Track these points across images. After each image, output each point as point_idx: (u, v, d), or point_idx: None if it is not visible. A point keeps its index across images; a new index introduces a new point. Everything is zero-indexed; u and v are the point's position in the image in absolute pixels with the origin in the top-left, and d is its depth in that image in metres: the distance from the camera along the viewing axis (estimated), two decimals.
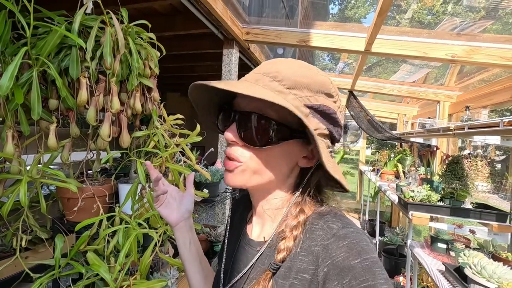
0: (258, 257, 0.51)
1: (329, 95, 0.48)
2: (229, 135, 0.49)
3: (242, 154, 0.49)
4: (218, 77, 3.74)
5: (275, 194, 0.53)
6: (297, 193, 0.51)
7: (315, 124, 0.47)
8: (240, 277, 0.52)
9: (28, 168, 0.98)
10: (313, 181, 0.51)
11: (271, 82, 0.46)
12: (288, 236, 0.46)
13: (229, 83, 0.45)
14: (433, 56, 1.84)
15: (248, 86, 0.45)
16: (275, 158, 0.49)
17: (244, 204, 0.65)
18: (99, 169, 1.27)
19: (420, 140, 2.99)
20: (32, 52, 0.92)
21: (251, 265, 0.51)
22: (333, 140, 0.52)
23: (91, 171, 1.24)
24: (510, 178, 2.52)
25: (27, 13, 0.84)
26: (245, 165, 0.49)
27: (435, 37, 1.87)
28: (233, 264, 0.56)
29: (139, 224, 0.96)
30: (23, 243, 0.95)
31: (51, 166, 1.02)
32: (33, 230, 1.08)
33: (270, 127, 0.46)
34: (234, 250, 0.58)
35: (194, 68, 3.53)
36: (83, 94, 0.89)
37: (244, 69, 2.68)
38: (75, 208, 1.03)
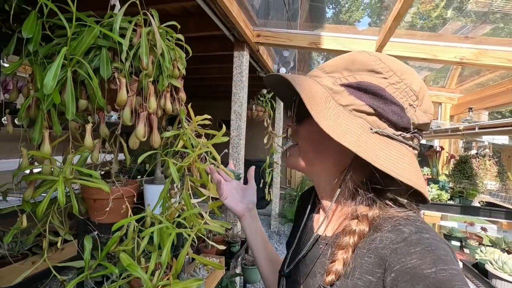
0: (321, 252, 0.52)
1: (375, 72, 0.46)
2: (288, 117, 0.56)
3: (296, 133, 0.57)
4: (225, 78, 3.75)
5: (331, 185, 0.52)
6: (360, 191, 0.48)
7: (349, 100, 0.46)
8: (301, 266, 0.54)
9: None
10: (364, 176, 0.47)
11: (316, 71, 0.51)
12: (345, 246, 0.45)
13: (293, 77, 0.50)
14: (442, 59, 1.89)
15: (299, 80, 0.50)
16: (324, 139, 0.48)
17: (311, 194, 0.66)
18: (116, 170, 1.26)
19: (423, 141, 3.05)
20: (67, 52, 0.91)
21: (314, 258, 0.52)
22: (391, 121, 0.45)
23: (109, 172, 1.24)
24: (511, 176, 2.59)
25: (54, 13, 0.84)
26: (299, 146, 0.57)
27: (443, 40, 1.92)
28: (299, 252, 0.57)
29: (177, 224, 0.96)
30: (59, 244, 0.94)
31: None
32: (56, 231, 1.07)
33: None
34: (301, 239, 0.59)
35: (198, 71, 3.53)
36: (123, 94, 0.89)
37: (250, 71, 2.70)
38: (107, 209, 1.02)
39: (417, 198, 0.48)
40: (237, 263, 2.02)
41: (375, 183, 0.47)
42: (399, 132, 0.45)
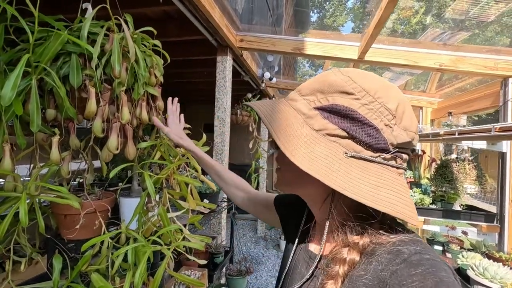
0: (315, 271, 0.49)
1: (347, 93, 0.44)
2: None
3: (278, 158, 0.57)
4: (208, 83, 3.70)
5: (321, 206, 0.51)
6: (348, 219, 0.46)
7: (322, 125, 0.44)
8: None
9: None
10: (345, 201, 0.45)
11: (293, 94, 0.50)
12: (342, 260, 0.43)
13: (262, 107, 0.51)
14: (422, 65, 1.92)
15: (269, 109, 0.50)
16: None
17: (301, 206, 0.64)
18: (91, 182, 1.19)
19: None
20: (31, 59, 0.85)
21: (308, 278, 0.50)
22: (366, 144, 0.43)
23: (74, 182, 1.17)
24: (488, 179, 2.66)
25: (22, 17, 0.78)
26: (281, 170, 0.56)
27: (424, 47, 1.95)
28: (293, 270, 0.55)
29: (153, 241, 0.90)
30: (22, 267, 0.86)
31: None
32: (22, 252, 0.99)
33: None
34: (293, 255, 0.58)
35: (182, 74, 3.47)
36: (92, 104, 0.83)
37: (235, 75, 2.66)
38: (77, 226, 0.95)
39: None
40: (221, 274, 1.97)
41: (364, 211, 0.44)
42: (377, 154, 0.43)
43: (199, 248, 0.94)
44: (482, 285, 1.16)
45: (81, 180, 1.17)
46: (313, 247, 0.55)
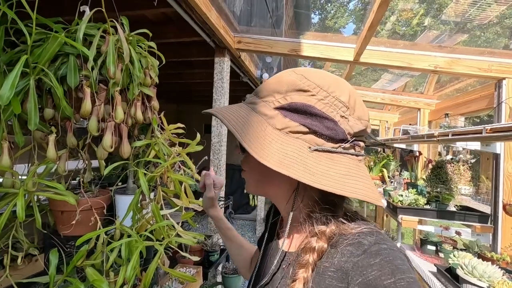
0: (284, 268, 0.51)
1: (303, 90, 0.46)
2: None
3: (243, 162, 0.59)
4: (208, 84, 3.73)
5: (285, 206, 0.54)
6: (315, 210, 0.48)
7: (284, 123, 0.46)
8: (266, 284, 0.53)
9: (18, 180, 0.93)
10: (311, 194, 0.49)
11: (251, 98, 0.53)
12: (305, 263, 0.45)
13: (220, 109, 0.52)
14: (417, 67, 1.94)
15: (230, 114, 0.51)
16: (262, 167, 0.48)
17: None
18: (90, 179, 1.22)
19: (403, 145, 3.12)
20: (29, 60, 0.88)
21: (273, 274, 0.52)
22: (327, 136, 0.45)
23: (75, 181, 1.20)
24: (485, 180, 2.66)
25: (22, 19, 0.81)
26: (247, 173, 0.59)
27: (419, 49, 1.97)
28: (265, 267, 0.57)
29: (145, 237, 0.93)
30: (19, 260, 0.89)
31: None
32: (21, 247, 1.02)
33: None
34: (267, 253, 0.60)
35: (181, 76, 3.50)
36: (87, 104, 0.86)
37: (233, 76, 2.69)
38: (73, 222, 0.98)
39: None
40: (216, 272, 1.99)
41: (329, 201, 0.47)
42: (338, 145, 0.46)
43: (191, 244, 0.96)
44: (471, 283, 1.18)
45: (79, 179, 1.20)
46: (280, 242, 0.56)
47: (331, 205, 0.47)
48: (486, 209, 2.03)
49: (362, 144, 0.49)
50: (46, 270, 0.97)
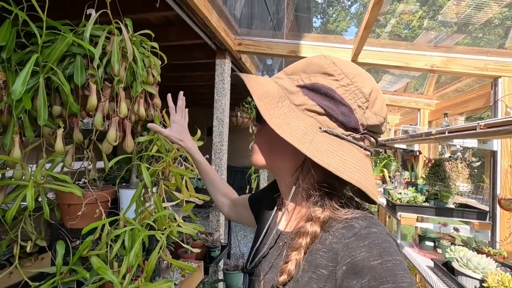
0: (281, 246, 0.54)
1: (328, 74, 0.48)
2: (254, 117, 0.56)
3: (257, 133, 0.60)
4: (210, 86, 3.79)
5: (288, 182, 0.55)
6: (313, 192, 0.50)
7: (302, 100, 0.49)
8: (263, 262, 0.56)
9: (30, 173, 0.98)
10: (317, 175, 0.50)
11: (279, 74, 0.54)
12: (305, 232, 0.47)
13: (248, 78, 0.53)
14: (414, 66, 1.98)
15: (254, 80, 0.52)
16: (279, 141, 0.49)
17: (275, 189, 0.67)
18: (95, 177, 1.27)
19: (403, 146, 3.14)
20: (39, 59, 0.94)
21: (275, 251, 0.55)
22: (340, 121, 0.47)
23: (86, 180, 1.25)
24: (487, 180, 2.68)
25: (32, 22, 0.87)
26: (258, 145, 0.60)
27: (415, 49, 2.01)
28: (260, 247, 0.59)
29: (146, 227, 0.98)
30: (28, 248, 0.94)
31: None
32: (31, 239, 1.07)
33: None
34: (265, 232, 0.61)
35: (184, 78, 3.57)
36: (93, 100, 0.92)
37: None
38: (79, 213, 1.03)
39: (369, 199, 0.50)
40: (217, 268, 2.03)
41: (329, 185, 0.49)
42: (349, 133, 0.48)
43: (192, 233, 1.00)
44: (465, 275, 1.20)
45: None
46: (279, 217, 0.59)
47: (331, 188, 0.49)
48: (487, 209, 2.05)
49: (373, 140, 0.50)
50: (54, 260, 1.01)
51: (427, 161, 2.61)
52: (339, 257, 0.42)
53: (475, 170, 2.04)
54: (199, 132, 1.24)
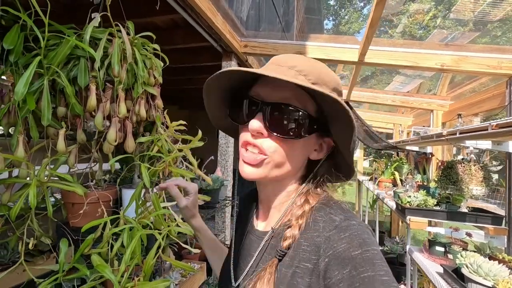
0: (265, 246, 0.54)
1: (340, 93, 0.53)
2: (256, 124, 0.48)
3: (270, 146, 0.49)
4: None
5: (286, 187, 0.55)
6: (304, 185, 0.54)
7: None
8: (250, 267, 0.55)
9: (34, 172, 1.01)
10: (320, 173, 0.55)
11: (297, 75, 0.47)
12: (294, 225, 0.49)
13: (262, 70, 0.46)
14: (423, 66, 1.92)
15: (281, 75, 0.45)
16: (296, 151, 0.51)
17: (252, 198, 0.69)
18: (101, 178, 1.30)
19: (416, 148, 3.05)
20: (43, 62, 0.97)
21: (258, 254, 0.54)
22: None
23: (93, 182, 1.27)
24: (504, 183, 2.57)
25: (38, 27, 0.90)
26: (270, 158, 0.49)
27: (425, 47, 1.96)
28: (241, 254, 0.59)
29: (144, 226, 0.98)
30: (30, 245, 0.96)
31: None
32: (37, 237, 1.10)
33: (300, 118, 0.48)
34: (241, 241, 0.61)
35: (191, 81, 3.61)
36: (92, 100, 0.94)
37: None
38: (81, 211, 1.05)
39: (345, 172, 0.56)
40: None
41: (322, 177, 0.55)
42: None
43: (189, 233, 1.00)
44: (476, 282, 1.15)
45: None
46: (260, 225, 0.60)
47: (322, 182, 0.55)
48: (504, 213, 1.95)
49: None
50: (57, 258, 1.04)
51: (440, 164, 2.52)
52: (321, 249, 0.44)
53: (491, 174, 1.95)
54: (200, 133, 1.24)
